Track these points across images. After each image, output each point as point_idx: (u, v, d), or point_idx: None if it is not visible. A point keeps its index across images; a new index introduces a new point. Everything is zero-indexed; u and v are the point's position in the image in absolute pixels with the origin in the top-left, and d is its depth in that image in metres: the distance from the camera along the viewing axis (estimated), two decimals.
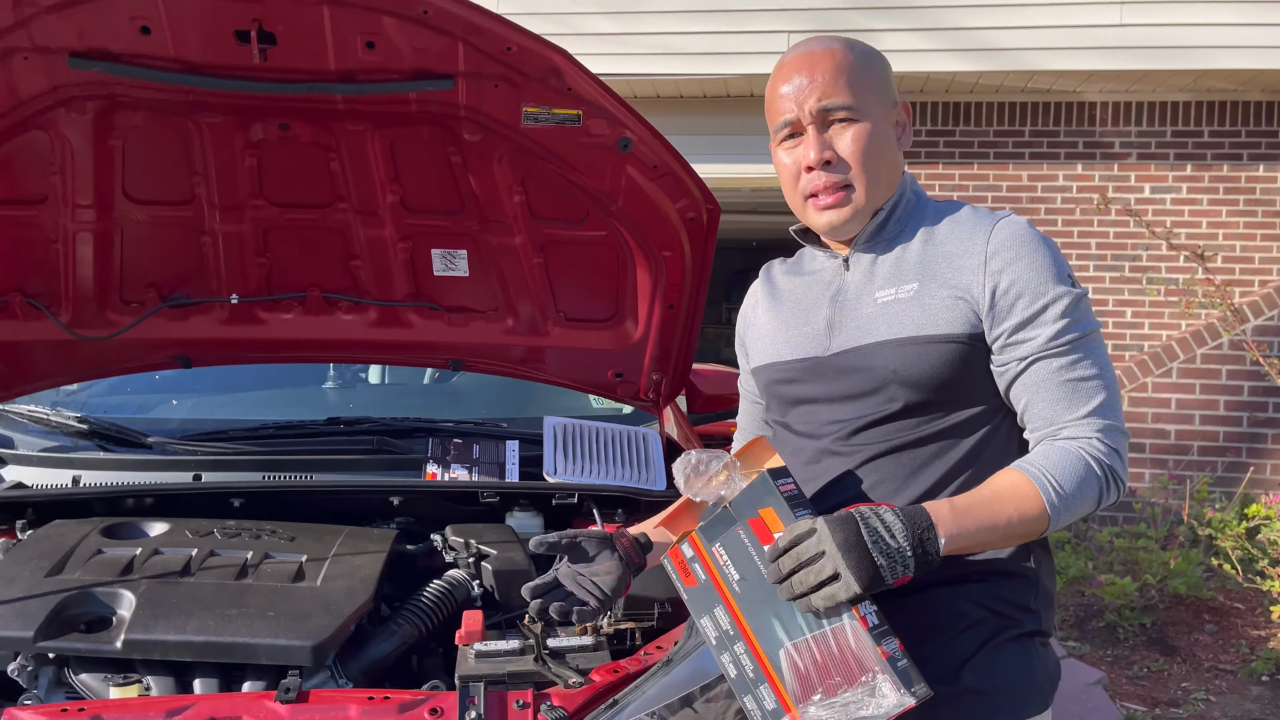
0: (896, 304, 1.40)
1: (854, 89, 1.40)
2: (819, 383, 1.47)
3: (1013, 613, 1.40)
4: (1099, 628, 4.19)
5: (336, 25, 1.79)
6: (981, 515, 1.28)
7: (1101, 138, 6.80)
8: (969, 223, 1.41)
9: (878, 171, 1.42)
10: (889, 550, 1.23)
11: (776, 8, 6.54)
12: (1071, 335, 1.33)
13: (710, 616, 1.38)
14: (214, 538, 2.12)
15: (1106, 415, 1.34)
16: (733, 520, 1.36)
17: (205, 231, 2.20)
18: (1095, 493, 1.32)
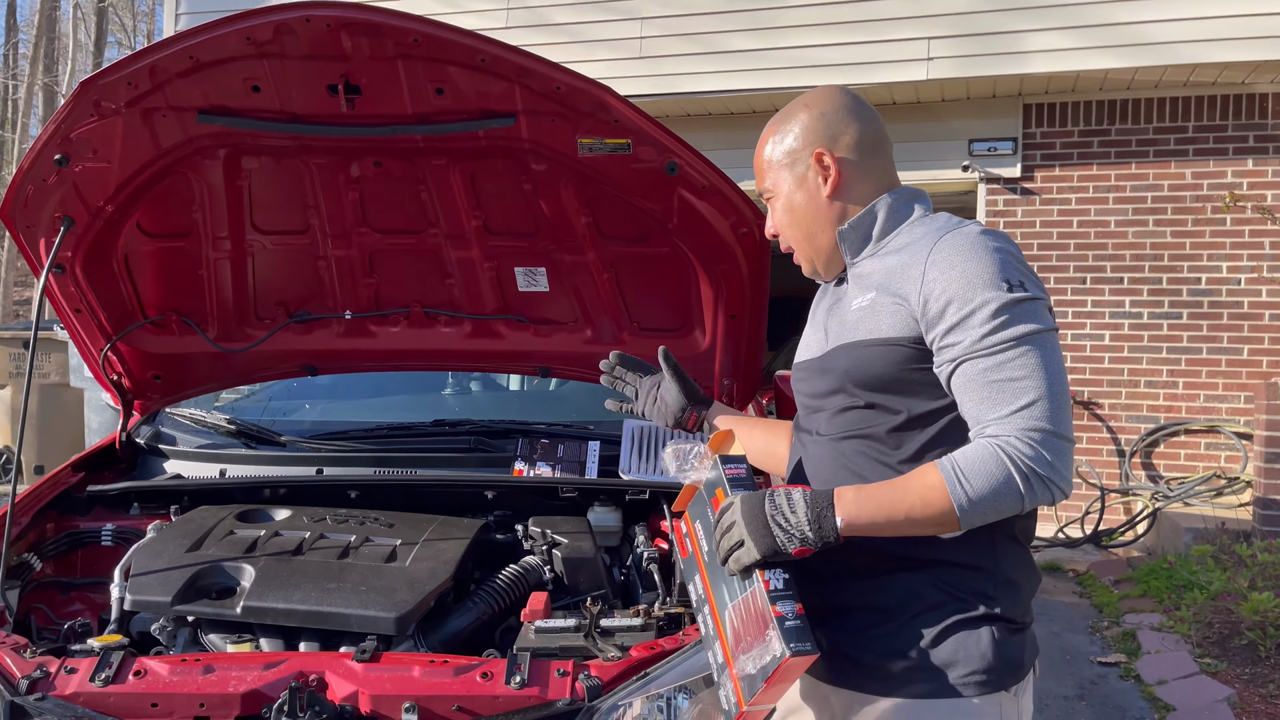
0: (859, 311, 1.56)
1: (767, 172, 1.69)
2: (811, 382, 1.67)
3: (968, 596, 1.49)
4: (1240, 645, 3.99)
5: (410, 75, 2.07)
6: (882, 502, 1.42)
7: (1274, 131, 6.38)
8: (923, 235, 1.53)
9: (799, 232, 1.67)
10: (786, 524, 1.42)
11: (917, 14, 6.51)
12: (1001, 337, 1.38)
13: (693, 584, 1.62)
14: (326, 523, 2.44)
15: (1033, 415, 1.36)
16: (704, 500, 1.58)
17: (321, 256, 2.53)
18: (1013, 492, 1.35)
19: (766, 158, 1.69)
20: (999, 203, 6.84)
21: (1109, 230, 6.65)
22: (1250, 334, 6.38)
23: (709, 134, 7.33)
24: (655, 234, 2.41)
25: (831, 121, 1.62)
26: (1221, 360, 6.43)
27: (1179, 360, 6.50)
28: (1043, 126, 6.80)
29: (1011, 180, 6.82)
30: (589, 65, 6.99)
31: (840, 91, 1.67)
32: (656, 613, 2.19)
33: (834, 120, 1.62)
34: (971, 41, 6.40)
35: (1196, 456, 6.46)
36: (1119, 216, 6.63)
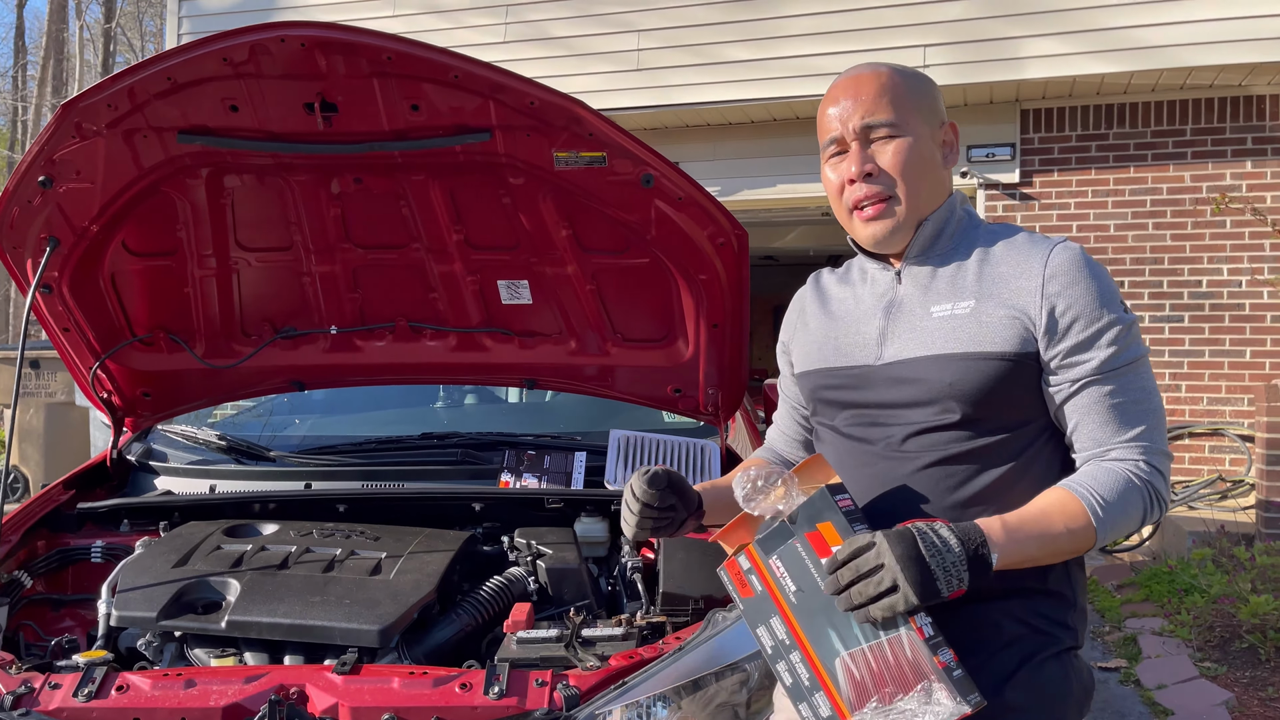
0: (953, 319, 1.44)
1: (896, 107, 1.46)
2: (871, 390, 1.50)
3: (1051, 629, 1.44)
4: (1241, 649, 3.97)
5: (385, 93, 2.10)
6: (1032, 530, 1.33)
7: (1273, 132, 6.37)
8: (1026, 245, 1.45)
9: (918, 184, 1.47)
10: (945, 564, 1.27)
11: (913, 22, 6.53)
12: (1122, 361, 1.39)
13: (766, 626, 1.42)
14: (312, 537, 2.45)
15: (1151, 438, 1.39)
16: (790, 534, 1.39)
17: (305, 272, 2.56)
18: (1140, 511, 1.37)
19: (897, 89, 1.47)
20: (998, 208, 6.84)
21: (1109, 234, 6.64)
22: (1252, 336, 6.35)
23: (708, 145, 7.36)
24: (635, 245, 2.42)
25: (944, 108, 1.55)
26: (1224, 363, 6.41)
27: (1181, 364, 6.47)
28: (1040, 132, 6.80)
29: (1010, 186, 6.82)
30: (586, 78, 7.09)
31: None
32: (639, 622, 2.20)
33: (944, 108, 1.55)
34: (968, 49, 6.41)
35: (1201, 460, 6.43)
36: (1118, 220, 6.62)
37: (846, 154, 1.50)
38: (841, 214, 1.54)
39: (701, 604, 2.24)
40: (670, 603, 2.26)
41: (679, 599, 2.25)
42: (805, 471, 1.46)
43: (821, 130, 1.54)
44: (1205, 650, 4.05)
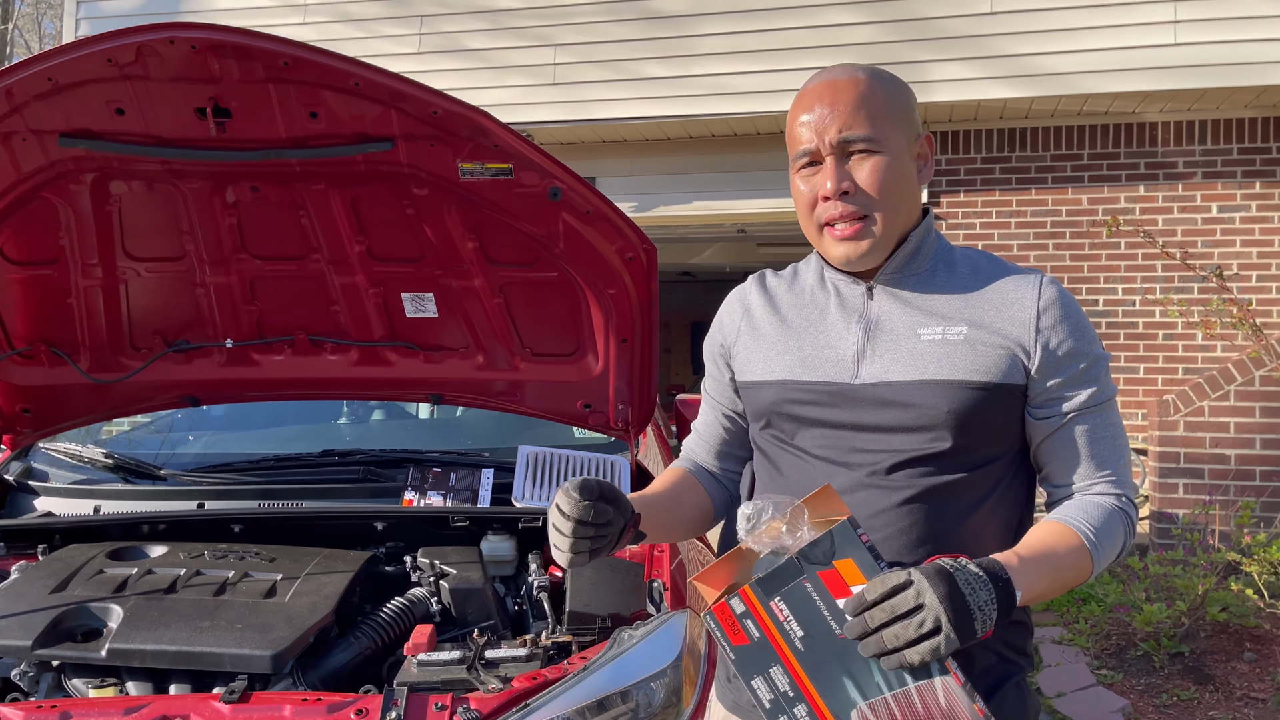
0: (946, 345, 1.39)
1: (875, 120, 1.38)
2: (849, 410, 1.42)
3: (1014, 656, 1.44)
4: (1135, 656, 4.09)
5: (282, 99, 2.03)
6: (1048, 568, 1.30)
7: (1164, 158, 6.65)
8: (1013, 275, 1.44)
9: (897, 203, 1.40)
10: (980, 602, 1.19)
11: (824, 44, 6.65)
12: (1105, 397, 1.41)
13: (764, 677, 1.27)
14: (203, 559, 2.35)
15: (1126, 473, 1.43)
16: (799, 572, 1.25)
17: (199, 283, 2.47)
18: (1122, 543, 1.40)
19: (876, 100, 1.39)
20: None
21: (1012, 254, 6.83)
22: (1145, 354, 6.60)
23: (625, 160, 7.37)
24: (543, 259, 2.39)
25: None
26: (1119, 379, 6.64)
27: None
28: (947, 154, 6.98)
29: None
30: (503, 91, 7.04)
31: None
32: (544, 642, 2.16)
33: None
34: None
35: None
36: (1021, 240, 6.83)
37: (820, 166, 1.41)
38: (810, 229, 1.46)
39: (608, 622, 2.22)
40: (577, 621, 2.22)
41: (586, 618, 2.22)
42: (815, 502, 1.31)
43: (793, 140, 1.44)
44: (1102, 658, 4.17)
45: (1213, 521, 4.41)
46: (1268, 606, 3.58)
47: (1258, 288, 6.41)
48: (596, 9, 7.02)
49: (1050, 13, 6.27)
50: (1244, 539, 3.82)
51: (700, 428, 1.73)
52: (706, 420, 1.71)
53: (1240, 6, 5.98)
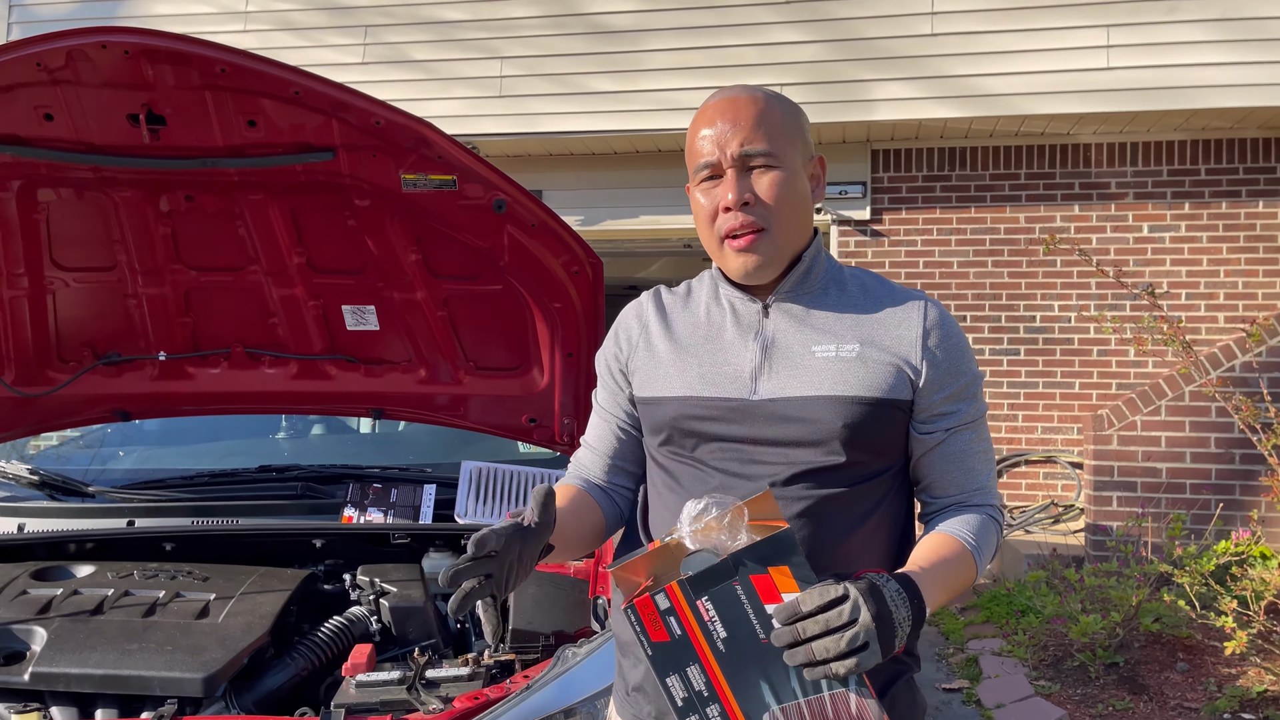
0: (840, 362, 1.43)
1: (773, 137, 1.43)
2: (747, 425, 1.45)
3: (904, 657, 1.49)
4: (1072, 667, 4.16)
5: (219, 107, 1.98)
6: (946, 580, 1.36)
7: (1097, 178, 6.82)
8: (900, 295, 1.50)
9: (792, 217, 1.45)
10: (901, 619, 1.22)
11: (770, 61, 6.72)
12: (980, 413, 1.50)
13: (680, 675, 1.27)
14: (132, 578, 2.28)
15: (994, 484, 1.53)
16: (731, 573, 1.26)
17: (130, 294, 2.40)
18: (994, 551, 1.48)
19: (775, 118, 1.44)
20: (850, 244, 7.08)
21: (952, 271, 6.95)
22: (1080, 369, 6.75)
23: (572, 174, 7.36)
24: (487, 272, 2.37)
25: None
26: (1056, 394, 6.78)
27: (1018, 394, 6.82)
28: (889, 171, 7.08)
29: (862, 222, 7.07)
30: (449, 103, 6.99)
31: None
32: (486, 661, 2.13)
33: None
34: (822, 89, 6.64)
35: (1036, 486, 6.77)
36: (961, 258, 6.95)
37: (720, 180, 1.44)
38: (711, 241, 1.49)
39: (552, 640, 2.19)
40: (520, 640, 2.19)
41: (529, 635, 2.19)
42: (754, 506, 1.31)
43: (694, 153, 1.47)
44: (1040, 669, 4.23)
45: (1146, 534, 4.51)
46: (1199, 617, 3.67)
47: (1186, 305, 6.60)
48: (543, 22, 7.01)
49: (989, 35, 6.41)
50: (1175, 551, 3.91)
51: (592, 440, 1.72)
52: (599, 433, 1.70)
53: (1169, 33, 6.17)
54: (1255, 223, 6.60)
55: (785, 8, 6.70)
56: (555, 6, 6.99)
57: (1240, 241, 6.62)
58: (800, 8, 6.67)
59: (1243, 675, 3.81)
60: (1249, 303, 6.58)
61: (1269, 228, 6.59)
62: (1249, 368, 5.14)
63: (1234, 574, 3.81)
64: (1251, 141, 6.62)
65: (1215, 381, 4.63)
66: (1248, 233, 6.61)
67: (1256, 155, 6.63)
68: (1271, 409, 4.18)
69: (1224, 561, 4.01)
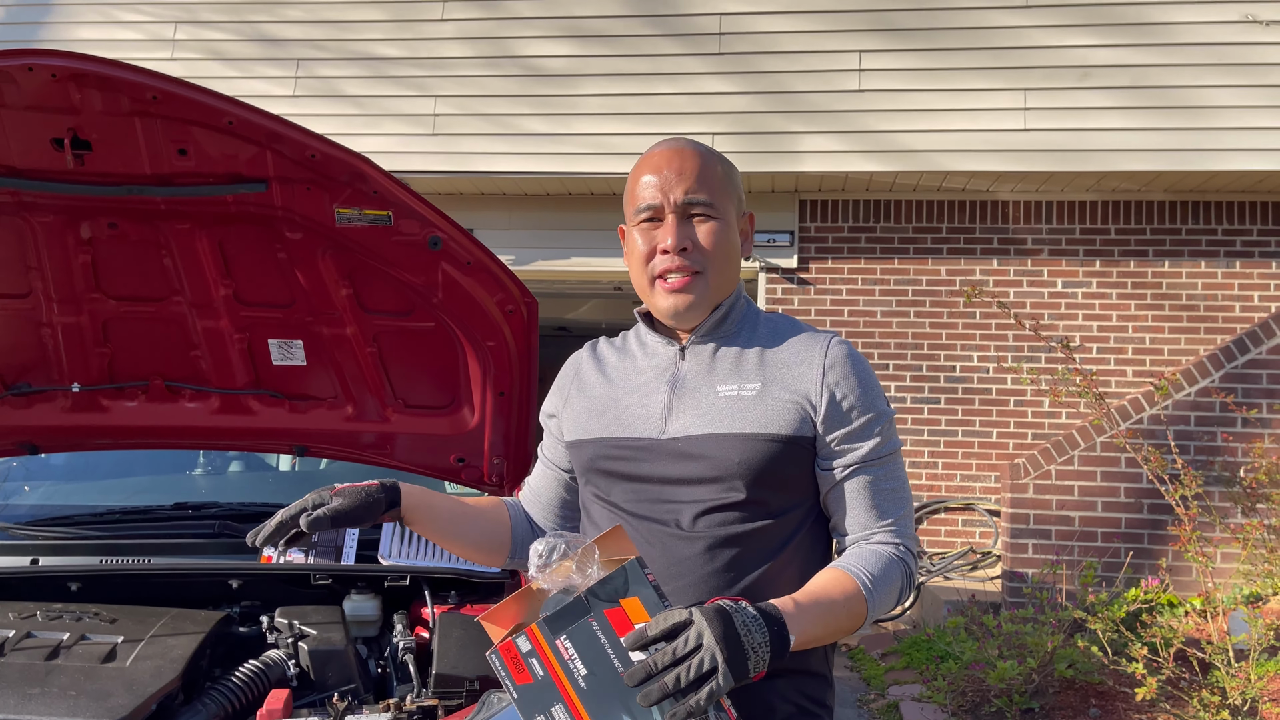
0: (740, 400, 1.47)
1: (714, 190, 1.52)
2: (654, 464, 1.50)
3: (814, 708, 1.50)
4: (990, 712, 4.22)
5: (148, 134, 1.94)
6: (822, 612, 1.36)
7: (1015, 234, 7.07)
8: (806, 335, 1.54)
9: (725, 266, 1.53)
10: (755, 644, 1.24)
11: (702, 110, 6.84)
12: (887, 450, 1.49)
13: (546, 715, 1.28)
14: (35, 620, 2.17)
15: (906, 524, 1.50)
16: (585, 610, 1.27)
17: (44, 323, 2.31)
18: (898, 590, 1.47)
19: (716, 173, 1.53)
20: (778, 291, 7.19)
21: (875, 320, 7.11)
22: (998, 419, 6.94)
23: (503, 214, 7.36)
24: (420, 308, 2.35)
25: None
26: (975, 442, 6.95)
27: (938, 442, 6.97)
28: (817, 221, 7.24)
29: (789, 270, 7.20)
30: (380, 139, 6.95)
31: None
32: (409, 706, 2.07)
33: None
34: (752, 139, 6.78)
35: (955, 533, 6.90)
36: (884, 307, 7.11)
37: (660, 224, 1.52)
38: (642, 280, 1.55)
39: (477, 685, 2.14)
40: (444, 684, 2.14)
41: (453, 680, 2.14)
42: (606, 542, 1.34)
43: (635, 196, 1.54)
44: (959, 715, 4.28)
45: (1060, 580, 4.62)
46: (1111, 663, 3.76)
47: (1097, 359, 6.84)
48: (477, 63, 7.04)
49: (913, 93, 6.63)
50: (1089, 598, 4.01)
51: (533, 483, 1.80)
52: (540, 478, 1.78)
53: (1082, 98, 6.46)
54: (1161, 281, 6.91)
55: (717, 59, 6.85)
56: (489, 48, 7.03)
57: (1147, 299, 6.91)
58: (731, 59, 6.83)
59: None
60: (1155, 358, 6.86)
61: (1174, 286, 6.90)
62: (1156, 420, 5.34)
63: (1144, 620, 3.92)
64: (1159, 204, 6.95)
65: (1125, 433, 4.80)
66: (1154, 290, 6.91)
67: (1163, 217, 6.95)
68: (1179, 460, 4.35)
69: (1134, 609, 4.13)
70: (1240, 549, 4.39)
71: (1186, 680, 3.88)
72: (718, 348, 1.54)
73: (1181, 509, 4.07)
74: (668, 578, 1.44)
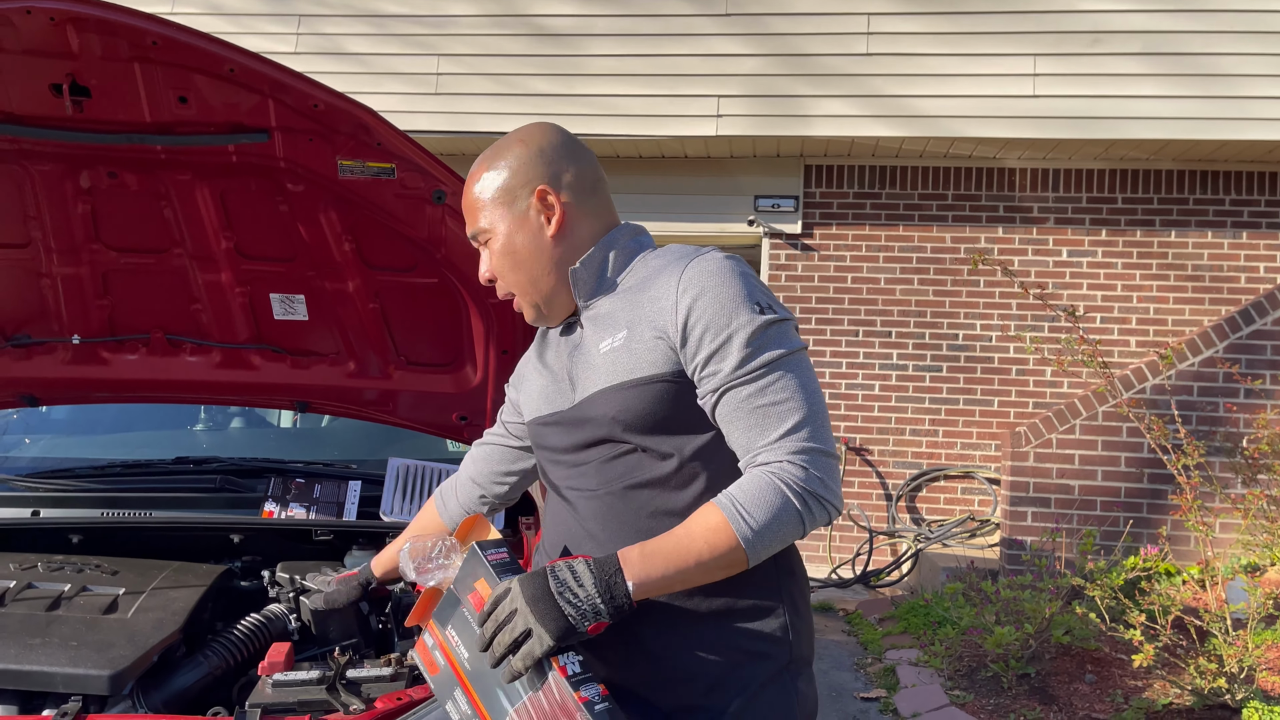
0: (613, 352, 1.44)
1: (482, 212, 1.53)
2: (563, 435, 1.52)
3: (761, 645, 1.42)
4: (986, 677, 4.24)
5: (148, 80, 1.91)
6: (670, 555, 1.31)
7: (1021, 203, 7.01)
8: (668, 265, 1.45)
9: (523, 275, 1.53)
10: (577, 600, 1.26)
11: (709, 72, 6.76)
12: (758, 361, 1.35)
13: (453, 701, 1.39)
14: (36, 571, 2.17)
15: (801, 437, 1.33)
16: (457, 600, 1.37)
17: (44, 274, 2.29)
18: (793, 517, 1.32)
19: (478, 195, 1.53)
20: (781, 257, 7.15)
21: (879, 287, 7.07)
22: (999, 387, 6.92)
23: None
24: (423, 264, 2.32)
25: (551, 159, 1.51)
26: (975, 411, 6.94)
27: (939, 410, 6.96)
28: (822, 187, 7.18)
29: (793, 236, 7.15)
30: (382, 98, 6.87)
31: (555, 128, 1.57)
32: (409, 661, 2.07)
33: (553, 157, 1.51)
34: (758, 102, 6.70)
35: (954, 500, 6.92)
36: (888, 274, 7.07)
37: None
38: None
39: None
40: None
41: None
42: (468, 534, 1.44)
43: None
44: (955, 679, 4.31)
45: (1059, 548, 4.63)
46: (1109, 630, 3.77)
47: (1101, 328, 6.82)
48: (483, 21, 6.95)
49: (922, 57, 6.55)
50: (1087, 565, 4.02)
51: (478, 441, 1.91)
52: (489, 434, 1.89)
53: (1092, 64, 6.38)
54: (1168, 251, 6.86)
55: (725, 19, 6.75)
56: (495, 6, 6.94)
57: (1153, 269, 6.87)
58: (740, 20, 6.74)
59: (1148, 688, 3.93)
60: (1159, 328, 6.83)
61: (1180, 256, 6.86)
62: (1160, 390, 5.33)
63: (1142, 588, 3.93)
64: (1166, 173, 6.89)
65: (1128, 402, 4.78)
66: (1160, 260, 6.87)
67: (1170, 186, 6.90)
68: (1181, 430, 4.34)
69: (1133, 576, 4.14)
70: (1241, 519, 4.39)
71: (1184, 648, 3.90)
72: (603, 307, 1.51)
73: (1183, 478, 4.06)
74: (601, 538, 1.45)
